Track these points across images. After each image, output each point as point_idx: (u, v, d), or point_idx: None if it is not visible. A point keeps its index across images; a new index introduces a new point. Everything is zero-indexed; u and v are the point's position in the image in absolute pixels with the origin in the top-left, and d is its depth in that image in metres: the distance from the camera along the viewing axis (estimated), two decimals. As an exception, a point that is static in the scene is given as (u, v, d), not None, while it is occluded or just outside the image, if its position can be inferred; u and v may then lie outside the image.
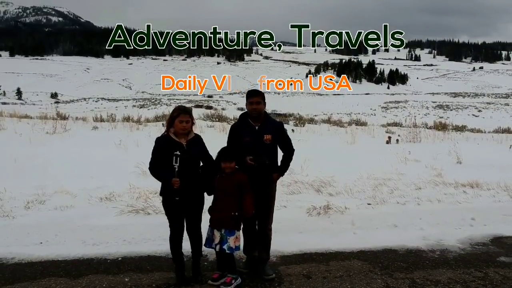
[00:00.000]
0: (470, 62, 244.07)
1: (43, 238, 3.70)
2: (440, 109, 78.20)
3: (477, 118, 65.95)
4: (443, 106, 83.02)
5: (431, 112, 74.74)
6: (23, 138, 8.66)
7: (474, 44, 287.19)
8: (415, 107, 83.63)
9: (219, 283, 2.87)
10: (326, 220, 4.34)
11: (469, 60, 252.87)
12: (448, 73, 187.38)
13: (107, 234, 3.80)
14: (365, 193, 5.70)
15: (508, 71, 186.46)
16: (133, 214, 4.43)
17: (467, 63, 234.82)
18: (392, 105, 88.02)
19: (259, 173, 2.99)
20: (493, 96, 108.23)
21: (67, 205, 4.94)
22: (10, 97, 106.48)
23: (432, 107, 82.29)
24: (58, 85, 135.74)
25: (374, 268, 3.20)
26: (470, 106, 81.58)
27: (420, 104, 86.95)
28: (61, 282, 2.89)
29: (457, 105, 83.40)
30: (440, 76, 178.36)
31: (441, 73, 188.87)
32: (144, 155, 7.57)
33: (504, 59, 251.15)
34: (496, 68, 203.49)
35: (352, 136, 10.53)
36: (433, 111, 76.55)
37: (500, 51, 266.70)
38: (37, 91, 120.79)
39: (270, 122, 3.17)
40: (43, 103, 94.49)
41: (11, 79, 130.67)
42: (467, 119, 61.45)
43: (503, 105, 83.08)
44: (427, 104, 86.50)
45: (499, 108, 79.11)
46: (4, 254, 3.34)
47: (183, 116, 2.88)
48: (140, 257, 3.32)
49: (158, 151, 2.90)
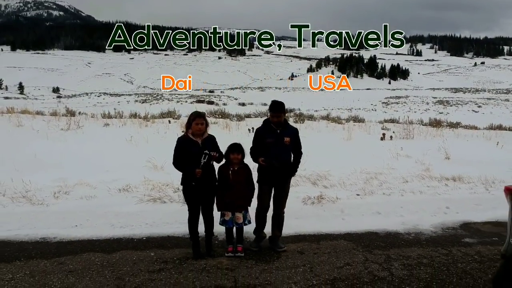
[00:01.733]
0: (472, 57, 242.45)
1: (77, 222, 4.34)
2: (440, 105, 78.19)
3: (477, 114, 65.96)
4: (443, 101, 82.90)
5: (431, 108, 74.78)
6: (40, 134, 9.28)
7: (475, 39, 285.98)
8: (415, 103, 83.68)
9: (236, 254, 3.58)
10: (319, 208, 4.98)
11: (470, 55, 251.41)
12: (450, 68, 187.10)
13: (131, 219, 4.44)
14: (357, 186, 6.32)
15: (510, 66, 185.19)
16: (151, 202, 5.06)
17: (469, 58, 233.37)
18: (392, 100, 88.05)
19: (278, 173, 3.65)
20: (494, 92, 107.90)
21: (90, 195, 5.56)
22: (12, 92, 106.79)
23: (433, 102, 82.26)
24: (59, 79, 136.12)
25: (357, 247, 3.83)
26: (470, 102, 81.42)
27: (420, 100, 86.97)
28: (99, 256, 3.52)
29: (457, 101, 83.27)
30: (441, 71, 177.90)
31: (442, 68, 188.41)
32: (154, 150, 8.25)
33: (506, 54, 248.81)
34: (498, 63, 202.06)
35: (349, 133, 11.14)
36: (433, 106, 76.55)
37: (502, 46, 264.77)
38: (38, 86, 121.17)
39: (289, 128, 3.82)
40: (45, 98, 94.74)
41: (13, 73, 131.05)
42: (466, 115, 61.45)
43: (503, 100, 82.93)
44: (428, 99, 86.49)
45: (499, 103, 79.00)
46: (47, 234, 3.98)
47: (198, 120, 3.49)
48: (162, 237, 3.95)
49: (179, 149, 3.50)
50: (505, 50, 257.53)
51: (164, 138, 9.90)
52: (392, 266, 3.40)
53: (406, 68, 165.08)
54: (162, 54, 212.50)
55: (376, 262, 3.48)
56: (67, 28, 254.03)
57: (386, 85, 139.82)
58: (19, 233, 3.98)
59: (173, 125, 11.85)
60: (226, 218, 3.59)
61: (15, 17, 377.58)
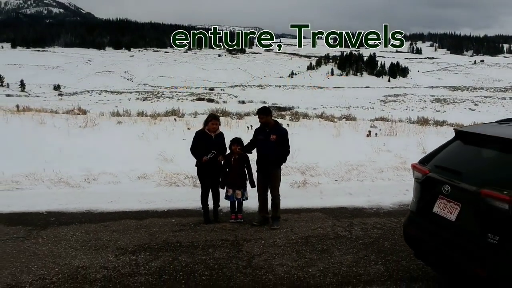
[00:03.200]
0: (472, 55, 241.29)
1: (111, 199, 5.49)
2: (437, 103, 78.58)
3: (473, 112, 66.63)
4: (440, 99, 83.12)
5: (428, 106, 75.27)
6: (62, 131, 10.42)
7: (475, 37, 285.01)
8: (413, 101, 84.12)
9: (236, 220, 4.75)
10: (303, 190, 6.14)
11: (470, 53, 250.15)
12: (449, 66, 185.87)
13: (153, 197, 5.59)
14: (338, 175, 7.46)
15: (509, 65, 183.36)
16: (167, 186, 6.22)
17: (468, 56, 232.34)
18: (391, 98, 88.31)
19: (266, 165, 4.65)
20: (492, 90, 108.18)
21: (115, 181, 6.70)
22: (14, 89, 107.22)
23: (430, 100, 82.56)
24: (60, 77, 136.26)
25: (329, 217, 4.98)
26: (467, 100, 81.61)
27: (418, 98, 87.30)
28: (133, 221, 4.67)
29: (455, 99, 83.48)
30: (441, 69, 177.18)
31: (442, 66, 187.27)
32: (163, 145, 9.37)
33: (505, 52, 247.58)
34: (497, 61, 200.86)
35: (338, 130, 12.29)
36: (431, 104, 76.98)
37: (502, 44, 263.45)
38: (39, 83, 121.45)
39: (278, 129, 4.77)
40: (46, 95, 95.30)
41: (13, 70, 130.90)
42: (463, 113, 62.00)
43: (500, 99, 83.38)
44: (425, 97, 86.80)
45: (496, 102, 79.38)
46: (90, 207, 5.13)
47: (214, 121, 4.67)
48: (179, 210, 5.11)
49: (197, 140, 4.65)
50: (505, 48, 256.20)
51: (171, 134, 11.05)
52: (352, 229, 4.56)
53: (406, 66, 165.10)
54: (162, 51, 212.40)
55: (341, 226, 4.64)
56: (67, 26, 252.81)
57: (386, 83, 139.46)
58: (68, 207, 5.14)
59: (178, 123, 12.97)
60: (229, 194, 4.75)
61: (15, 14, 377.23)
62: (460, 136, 3.17)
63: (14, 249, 3.83)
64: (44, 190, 5.99)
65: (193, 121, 13.09)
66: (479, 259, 2.48)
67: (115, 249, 3.86)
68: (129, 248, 3.88)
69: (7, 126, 10.42)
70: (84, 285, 3.16)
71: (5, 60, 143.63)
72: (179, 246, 3.95)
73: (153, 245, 3.98)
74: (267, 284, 3.24)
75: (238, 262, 3.63)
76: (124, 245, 3.96)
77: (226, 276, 3.35)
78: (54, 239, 4.07)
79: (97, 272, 3.38)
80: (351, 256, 3.80)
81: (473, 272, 2.53)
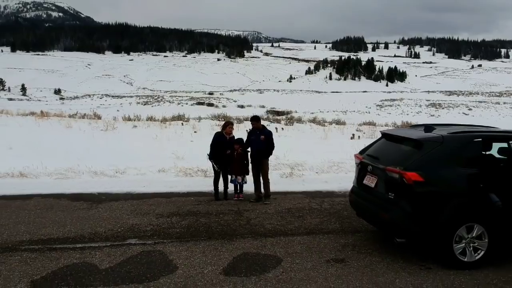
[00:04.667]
0: (469, 59, 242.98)
1: (143, 185, 7.19)
2: (432, 108, 79.29)
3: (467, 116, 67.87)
4: (435, 104, 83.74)
5: (423, 110, 76.11)
6: (87, 134, 12.13)
7: (473, 42, 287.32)
8: (408, 105, 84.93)
9: (239, 199, 6.45)
10: (290, 179, 7.86)
11: (468, 57, 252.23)
12: (447, 70, 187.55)
13: (175, 184, 7.29)
14: (320, 169, 9.17)
15: (507, 69, 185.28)
16: (184, 176, 7.93)
17: (466, 61, 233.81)
18: (387, 103, 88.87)
19: (257, 157, 6.42)
20: (487, 95, 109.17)
21: (141, 173, 8.39)
22: (15, 93, 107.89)
23: (425, 105, 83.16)
24: (60, 81, 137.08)
25: (307, 197, 6.68)
26: (461, 105, 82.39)
27: (414, 102, 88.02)
28: (163, 199, 6.36)
29: (449, 104, 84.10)
30: (438, 74, 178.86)
31: (440, 70, 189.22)
32: (175, 146, 11.11)
33: (503, 57, 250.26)
34: (495, 66, 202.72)
35: (326, 133, 14.04)
36: (426, 109, 77.78)
37: (500, 49, 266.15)
38: (40, 87, 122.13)
39: (265, 131, 6.58)
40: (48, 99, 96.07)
41: (14, 74, 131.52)
42: (457, 117, 63.26)
43: (494, 103, 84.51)
44: (421, 102, 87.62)
45: (489, 106, 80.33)
46: (129, 190, 6.83)
47: (230, 126, 6.48)
48: (196, 192, 6.81)
49: (215, 140, 6.38)
50: (503, 53, 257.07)
51: (180, 136, 12.78)
52: (323, 204, 6.26)
53: (404, 70, 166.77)
54: (161, 55, 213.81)
55: (315, 202, 6.35)
56: (66, 29, 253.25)
57: (383, 88, 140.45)
58: (112, 190, 6.83)
59: (185, 127, 14.71)
60: (233, 179, 6.47)
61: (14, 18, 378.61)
62: (384, 136, 4.89)
63: (85, 214, 5.51)
64: (88, 178, 7.68)
65: (198, 125, 14.85)
66: (385, 208, 4.18)
67: (154, 214, 5.55)
68: (164, 214, 5.57)
69: (39, 129, 12.13)
70: (139, 233, 4.85)
71: (5, 64, 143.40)
72: (199, 213, 5.65)
73: (181, 212, 5.67)
74: (259, 233, 4.93)
75: (240, 222, 5.33)
76: (160, 212, 5.66)
77: (232, 229, 5.04)
78: (110, 209, 5.76)
79: (146, 226, 5.07)
80: (319, 219, 5.50)
81: (382, 217, 4.22)
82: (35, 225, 5.00)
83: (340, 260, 4.13)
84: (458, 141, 4.19)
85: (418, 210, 3.96)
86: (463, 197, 4.04)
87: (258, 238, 4.71)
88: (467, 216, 4.00)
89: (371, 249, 4.45)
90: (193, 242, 4.54)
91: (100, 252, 4.18)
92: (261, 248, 4.40)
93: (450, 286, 3.61)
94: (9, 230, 4.80)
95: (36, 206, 5.77)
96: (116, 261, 3.96)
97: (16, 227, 4.90)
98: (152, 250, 4.28)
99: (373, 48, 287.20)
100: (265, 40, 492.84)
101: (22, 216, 5.35)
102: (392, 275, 3.80)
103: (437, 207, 3.94)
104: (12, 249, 4.24)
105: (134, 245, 4.42)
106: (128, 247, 4.35)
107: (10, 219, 5.22)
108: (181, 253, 4.19)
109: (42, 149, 9.77)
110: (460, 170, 4.06)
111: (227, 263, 4.00)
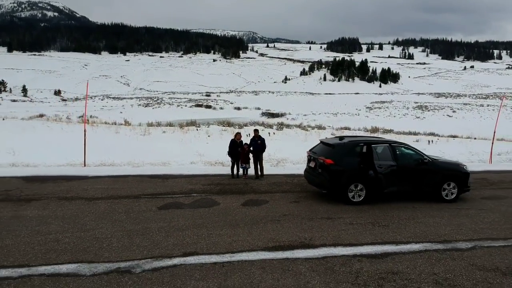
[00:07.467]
0: (463, 60, 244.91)
1: (187, 171, 11.72)
2: (419, 110, 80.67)
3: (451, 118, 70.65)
4: (422, 106, 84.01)
5: (410, 113, 77.43)
6: (131, 138, 16.55)
7: (466, 43, 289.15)
8: (397, 108, 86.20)
9: (245, 178, 11.10)
10: (276, 168, 12.51)
11: (461, 59, 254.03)
12: (440, 71, 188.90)
13: (204, 170, 11.87)
14: (297, 162, 13.75)
15: (498, 70, 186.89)
16: (210, 165, 12.53)
17: (459, 62, 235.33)
18: (377, 105, 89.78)
19: (257, 153, 11.09)
20: (473, 97, 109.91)
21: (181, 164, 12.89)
22: (16, 94, 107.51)
23: (413, 107, 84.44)
24: (58, 81, 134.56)
25: (286, 177, 11.30)
26: (447, 107, 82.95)
27: (402, 105, 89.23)
28: (201, 178, 10.92)
29: (436, 106, 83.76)
30: (431, 75, 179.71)
31: (433, 71, 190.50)
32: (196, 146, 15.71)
33: (496, 58, 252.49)
34: (487, 67, 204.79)
35: (306, 137, 18.64)
36: (412, 111, 79.00)
37: (492, 50, 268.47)
38: (39, 88, 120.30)
39: (261, 138, 11.35)
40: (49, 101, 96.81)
41: (12, 75, 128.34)
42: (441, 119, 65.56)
43: (478, 105, 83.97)
44: (409, 104, 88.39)
45: (473, 109, 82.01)
46: (180, 173, 11.37)
47: (239, 134, 11.19)
48: (217, 174, 11.40)
49: (231, 144, 11.02)
50: (495, 54, 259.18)
51: (198, 139, 17.29)
52: (293, 180, 10.88)
53: (397, 71, 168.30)
54: (157, 56, 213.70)
55: (289, 179, 11.00)
56: (62, 30, 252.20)
57: (376, 89, 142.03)
58: (169, 173, 11.34)
59: (199, 132, 19.16)
60: (242, 166, 11.11)
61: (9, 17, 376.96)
62: (320, 142, 9.51)
63: (163, 184, 10.00)
64: (149, 168, 12.17)
65: (210, 130, 19.38)
66: (317, 177, 8.79)
67: (200, 184, 10.09)
68: (205, 184, 10.13)
69: (96, 135, 16.50)
70: (196, 191, 9.36)
71: (3, 65, 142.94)
72: (224, 184, 10.24)
73: (214, 183, 10.24)
74: (257, 192, 9.51)
75: (246, 188, 9.92)
76: (203, 183, 10.21)
77: (242, 190, 9.62)
78: (175, 182, 10.28)
79: (198, 188, 9.61)
80: (289, 187, 10.11)
81: (316, 181, 8.83)
82: (141, 188, 9.48)
83: (297, 201, 8.73)
84: (352, 144, 8.82)
85: (331, 177, 8.55)
86: (353, 171, 8.63)
87: (257, 194, 9.31)
88: (355, 179, 8.61)
89: (312, 197, 9.06)
90: (224, 195, 9.11)
91: (181, 198, 8.71)
92: (258, 197, 8.99)
93: (347, 209, 8.21)
94: (142, 190, 9.30)
95: (133, 180, 10.27)
96: (190, 201, 8.50)
97: (132, 189, 9.38)
98: (205, 197, 8.84)
99: (367, 49, 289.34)
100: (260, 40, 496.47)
101: (130, 184, 9.85)
102: (322, 206, 8.40)
103: (340, 176, 8.54)
104: (137, 197, 8.74)
105: (196, 195, 8.97)
106: (193, 197, 8.89)
107: (130, 185, 9.69)
108: (220, 199, 8.75)
109: (109, 149, 14.19)
110: (352, 158, 8.66)
111: (242, 202, 8.56)
